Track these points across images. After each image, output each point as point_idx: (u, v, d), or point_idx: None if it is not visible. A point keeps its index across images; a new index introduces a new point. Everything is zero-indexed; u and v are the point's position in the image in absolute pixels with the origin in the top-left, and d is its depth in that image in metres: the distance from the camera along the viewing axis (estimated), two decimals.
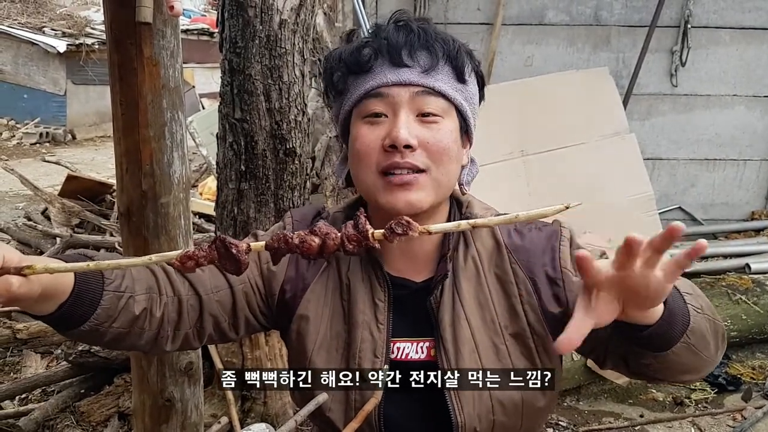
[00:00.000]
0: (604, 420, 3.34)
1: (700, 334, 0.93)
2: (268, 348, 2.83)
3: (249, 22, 2.45)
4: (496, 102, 4.40)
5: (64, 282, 0.92)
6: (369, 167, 1.05)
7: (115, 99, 1.75)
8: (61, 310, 0.93)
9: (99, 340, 1.03)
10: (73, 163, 8.83)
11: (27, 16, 13.62)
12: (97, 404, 3.07)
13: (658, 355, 0.93)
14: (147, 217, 1.81)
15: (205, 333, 1.14)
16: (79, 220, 5.50)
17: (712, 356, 0.98)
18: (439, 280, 1.11)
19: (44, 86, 13.17)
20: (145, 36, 1.68)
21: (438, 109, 1.06)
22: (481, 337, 1.10)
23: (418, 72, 1.05)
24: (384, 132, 1.04)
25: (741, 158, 5.08)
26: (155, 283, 1.07)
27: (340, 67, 1.10)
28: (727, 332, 1.03)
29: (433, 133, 1.05)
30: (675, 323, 0.90)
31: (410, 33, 1.06)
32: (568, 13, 4.79)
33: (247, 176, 2.61)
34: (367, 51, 1.06)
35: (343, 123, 1.13)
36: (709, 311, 0.97)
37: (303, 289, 1.16)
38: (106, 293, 0.98)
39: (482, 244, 1.14)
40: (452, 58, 1.07)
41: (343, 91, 1.11)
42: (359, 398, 1.11)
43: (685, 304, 0.93)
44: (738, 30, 4.81)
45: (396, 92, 1.04)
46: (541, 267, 1.11)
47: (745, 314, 3.74)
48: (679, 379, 1.02)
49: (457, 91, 1.08)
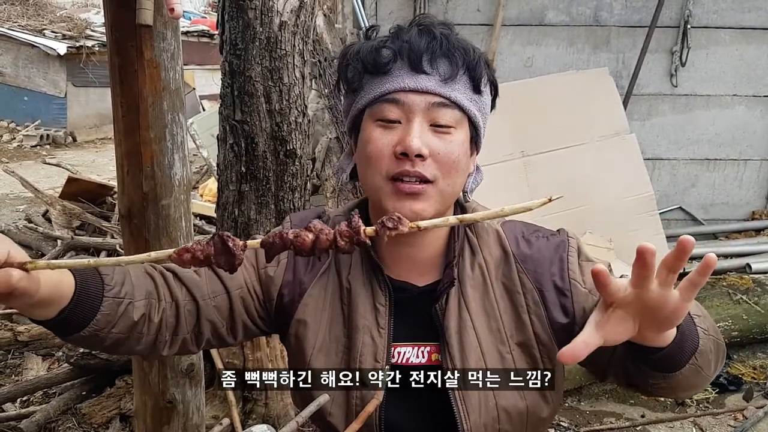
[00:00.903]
0: (606, 420, 3.34)
1: (706, 355, 0.94)
2: (269, 350, 2.83)
3: (249, 24, 2.45)
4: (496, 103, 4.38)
5: (65, 288, 0.93)
6: (379, 172, 1.04)
7: (116, 101, 1.76)
8: (62, 315, 0.94)
9: (98, 345, 1.04)
10: (74, 165, 8.82)
11: (27, 18, 13.62)
12: (99, 406, 3.07)
13: (667, 376, 0.93)
14: (148, 219, 1.81)
15: (203, 338, 1.14)
16: (80, 222, 5.51)
17: (711, 374, 0.99)
18: (445, 287, 1.11)
19: (45, 88, 13.17)
20: (145, 38, 1.69)
21: (452, 121, 1.04)
22: (487, 345, 1.09)
23: (436, 80, 1.03)
24: (396, 138, 1.03)
25: (741, 158, 5.08)
26: (154, 288, 1.08)
27: (357, 64, 1.07)
28: (728, 332, 1.04)
29: (444, 144, 1.03)
30: (686, 346, 0.91)
31: (433, 39, 1.04)
32: (567, 14, 4.79)
33: (248, 178, 2.61)
34: (387, 52, 1.04)
35: (353, 119, 1.12)
36: (713, 332, 0.98)
37: (300, 294, 1.16)
38: (105, 299, 0.98)
39: (489, 252, 1.14)
40: (471, 69, 1.05)
41: (358, 89, 1.09)
42: (359, 402, 1.11)
43: (695, 326, 0.94)
44: (738, 30, 4.81)
45: (412, 99, 1.03)
46: (549, 277, 1.10)
47: (745, 314, 3.74)
48: (678, 396, 1.03)
49: (472, 102, 1.07)
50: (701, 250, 4.62)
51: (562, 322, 1.09)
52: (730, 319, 3.69)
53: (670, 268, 0.78)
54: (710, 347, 0.95)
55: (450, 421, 1.07)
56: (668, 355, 0.89)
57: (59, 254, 4.80)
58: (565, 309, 1.09)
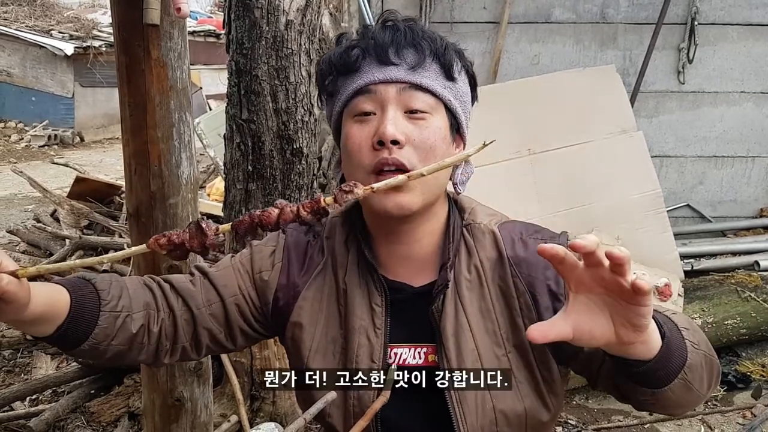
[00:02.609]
0: (614, 418, 3.33)
1: (696, 371, 0.91)
2: (277, 348, 2.84)
3: (255, 23, 2.45)
4: (503, 101, 4.41)
5: (60, 306, 0.96)
6: (360, 167, 1.05)
7: (124, 101, 1.76)
8: (59, 331, 0.97)
9: (101, 357, 1.06)
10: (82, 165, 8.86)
11: (35, 19, 13.70)
12: (107, 404, 3.09)
13: (655, 392, 0.90)
14: (156, 218, 1.82)
15: (202, 346, 1.15)
16: (88, 222, 5.52)
17: (704, 392, 0.96)
18: (441, 289, 1.10)
19: (52, 89, 13.24)
20: (152, 38, 1.69)
21: (426, 106, 1.05)
22: (484, 347, 1.09)
23: (404, 69, 1.04)
24: (373, 129, 1.04)
25: (749, 155, 5.05)
26: (152, 299, 1.10)
27: (331, 70, 1.10)
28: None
29: (420, 129, 1.04)
30: (672, 359, 0.88)
31: (396, 32, 1.05)
32: (574, 11, 4.78)
33: (255, 176, 2.62)
34: (355, 51, 1.06)
35: (335, 124, 1.13)
36: (705, 347, 0.95)
37: (295, 297, 1.16)
38: (102, 314, 1.01)
39: (485, 254, 1.13)
40: (440, 56, 1.06)
41: (334, 92, 1.11)
42: (357, 403, 1.11)
43: (683, 339, 0.91)
44: (745, 26, 4.79)
45: (383, 89, 1.04)
46: (544, 281, 1.08)
47: (754, 311, 3.72)
48: (668, 413, 1.00)
49: (445, 88, 1.07)
50: (710, 247, 4.61)
51: None
52: (738, 316, 3.67)
53: (593, 263, 0.77)
54: (701, 362, 0.92)
55: (448, 423, 1.07)
56: (654, 368, 0.86)
57: (67, 254, 4.82)
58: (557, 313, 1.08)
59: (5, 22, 13.25)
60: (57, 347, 1.03)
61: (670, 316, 0.95)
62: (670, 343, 0.87)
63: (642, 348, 0.84)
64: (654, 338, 0.84)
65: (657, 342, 0.85)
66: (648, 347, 0.84)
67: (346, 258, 1.16)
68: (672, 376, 0.88)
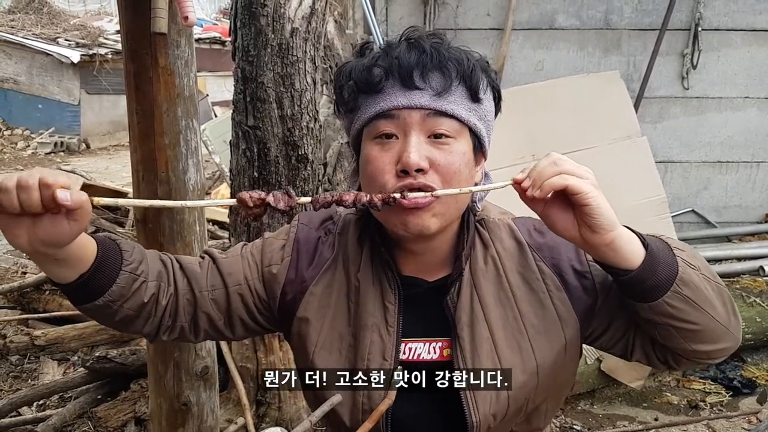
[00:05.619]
0: (619, 424, 3.33)
1: (695, 287, 0.95)
2: (282, 353, 2.85)
3: (261, 30, 2.47)
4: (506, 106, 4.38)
5: (88, 253, 0.99)
6: (381, 191, 1.03)
7: (131, 108, 1.78)
8: (81, 279, 0.99)
9: (110, 319, 1.08)
10: (88, 172, 8.91)
11: (41, 27, 13.77)
12: (114, 410, 3.10)
13: (652, 305, 0.94)
14: (163, 224, 1.83)
15: (200, 329, 1.17)
16: (94, 228, 5.53)
17: (723, 319, 0.98)
18: (455, 278, 1.11)
19: (58, 96, 13.30)
20: (160, 46, 1.71)
21: (450, 131, 1.03)
22: (501, 336, 1.10)
23: (429, 95, 1.02)
24: (395, 155, 1.02)
25: (754, 160, 5.04)
26: (165, 272, 1.12)
27: (350, 85, 1.07)
28: (741, 335, 1.04)
29: (444, 155, 1.02)
30: (659, 270, 0.93)
31: (422, 53, 1.02)
32: (578, 18, 4.79)
33: (260, 183, 2.64)
34: (378, 71, 1.03)
35: (354, 139, 1.12)
36: (708, 272, 0.98)
37: (302, 291, 1.17)
38: (122, 272, 1.03)
39: (502, 245, 1.14)
40: (466, 78, 1.03)
41: (354, 109, 1.08)
42: (367, 401, 1.11)
43: (674, 255, 0.95)
44: (749, 32, 4.79)
45: (407, 114, 1.02)
46: (567, 262, 1.12)
47: (759, 317, 3.71)
48: (698, 349, 1.00)
49: (470, 111, 1.05)
50: (715, 253, 4.60)
51: (586, 304, 1.10)
52: (743, 321, 3.64)
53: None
54: (703, 284, 0.96)
55: (461, 418, 1.08)
56: (639, 277, 0.93)
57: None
58: (586, 290, 1.10)
59: (12, 30, 13.33)
60: (73, 299, 1.04)
61: (666, 239, 1.00)
62: (654, 254, 0.93)
63: (612, 254, 0.93)
64: (627, 248, 0.93)
65: (635, 253, 0.93)
66: (619, 254, 0.93)
67: (360, 255, 1.17)
68: (663, 287, 0.93)
